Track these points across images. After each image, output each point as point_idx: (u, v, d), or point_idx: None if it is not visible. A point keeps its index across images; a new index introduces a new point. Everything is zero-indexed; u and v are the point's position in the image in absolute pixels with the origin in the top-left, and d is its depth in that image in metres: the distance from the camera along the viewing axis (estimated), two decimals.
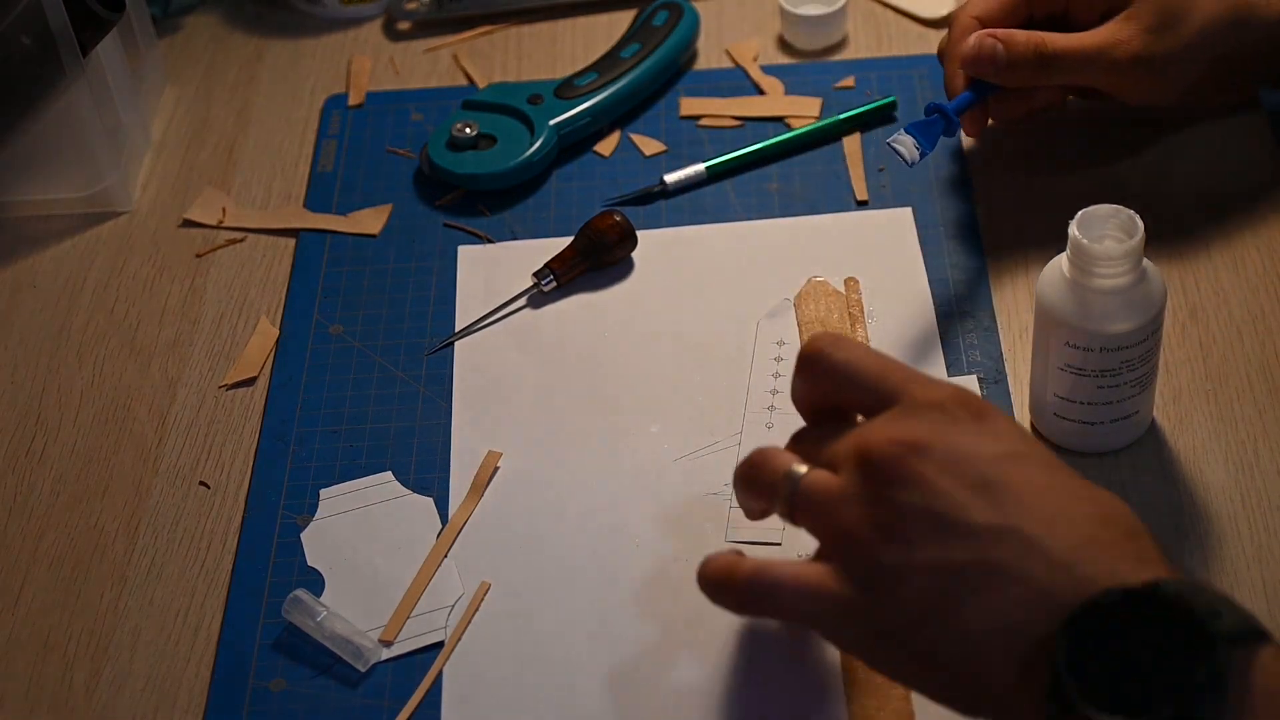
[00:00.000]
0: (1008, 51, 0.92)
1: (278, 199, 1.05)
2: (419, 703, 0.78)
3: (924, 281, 0.95)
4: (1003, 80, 0.93)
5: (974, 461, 0.66)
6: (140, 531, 0.86)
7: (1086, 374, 0.81)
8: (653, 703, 0.77)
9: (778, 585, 0.68)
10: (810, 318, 0.92)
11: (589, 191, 1.03)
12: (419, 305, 0.97)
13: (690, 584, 0.75)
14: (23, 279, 1.01)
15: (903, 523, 0.66)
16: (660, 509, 0.85)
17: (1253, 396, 0.87)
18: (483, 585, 0.82)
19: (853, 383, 0.72)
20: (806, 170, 1.02)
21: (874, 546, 0.66)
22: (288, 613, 0.81)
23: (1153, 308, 0.79)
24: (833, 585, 0.67)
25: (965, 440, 0.67)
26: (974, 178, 1.00)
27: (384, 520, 0.86)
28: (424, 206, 1.03)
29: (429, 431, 0.90)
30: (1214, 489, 0.83)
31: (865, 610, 0.66)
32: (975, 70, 0.93)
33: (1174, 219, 0.96)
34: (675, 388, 0.91)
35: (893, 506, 0.66)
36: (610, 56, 1.08)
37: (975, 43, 0.92)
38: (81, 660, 0.81)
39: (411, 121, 1.09)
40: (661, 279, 0.97)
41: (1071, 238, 0.78)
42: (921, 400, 0.69)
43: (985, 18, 0.94)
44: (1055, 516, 0.65)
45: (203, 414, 0.92)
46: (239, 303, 0.98)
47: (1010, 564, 0.64)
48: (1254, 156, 0.99)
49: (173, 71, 1.14)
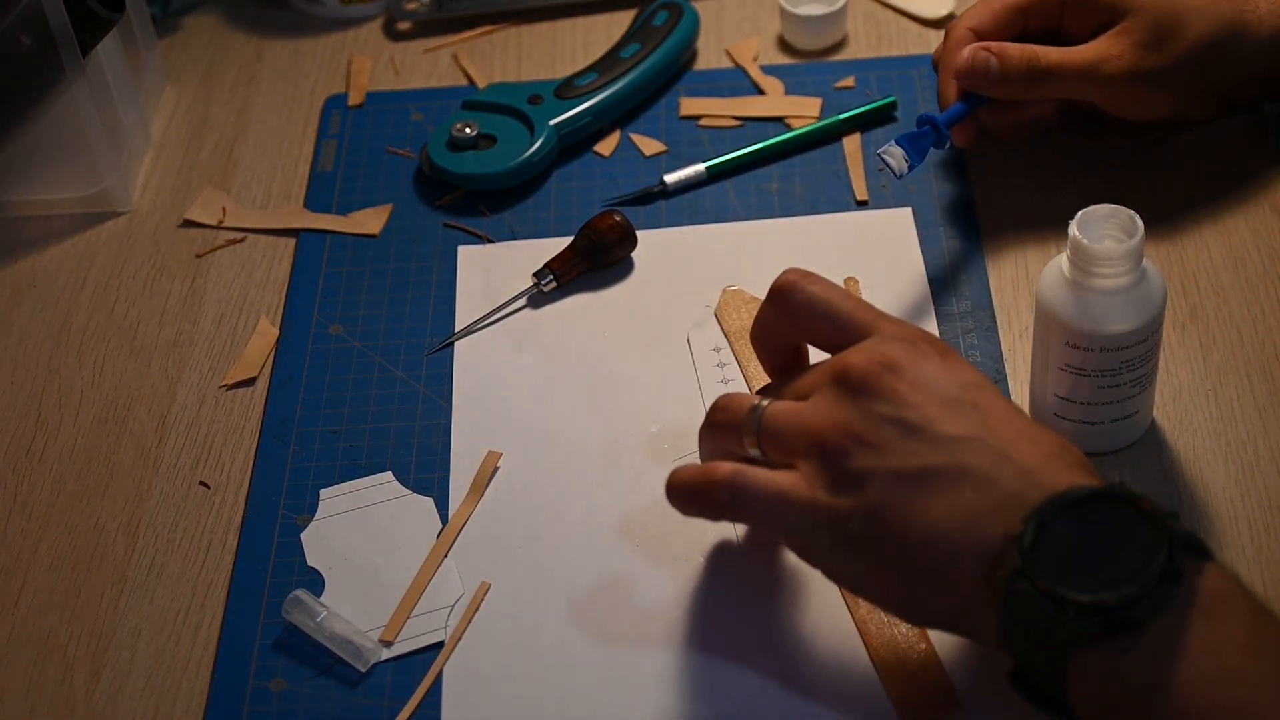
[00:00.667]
0: (1001, 64, 0.92)
1: (278, 199, 1.05)
2: (419, 703, 0.78)
3: (924, 282, 0.95)
4: (995, 93, 0.93)
5: (943, 384, 0.71)
6: (140, 531, 0.86)
7: (1086, 374, 0.81)
8: (653, 702, 0.77)
9: (752, 487, 0.71)
10: (736, 327, 0.92)
11: (589, 191, 1.03)
12: (419, 305, 0.97)
13: (691, 584, 0.75)
14: (23, 279, 1.01)
15: (874, 430, 0.70)
16: (660, 509, 0.85)
17: (1253, 396, 0.87)
18: (483, 585, 0.82)
19: (827, 316, 0.75)
20: (806, 170, 1.02)
21: (845, 451, 0.70)
22: (288, 613, 0.81)
23: (1153, 308, 0.79)
24: (804, 489, 0.70)
25: (935, 369, 0.71)
26: (974, 177, 1.00)
27: (384, 520, 0.86)
28: (424, 206, 1.03)
29: (429, 431, 0.90)
30: (1214, 489, 0.83)
31: (834, 514, 0.69)
32: (968, 83, 0.93)
33: (1174, 219, 0.96)
34: (675, 388, 0.91)
35: (864, 415, 0.70)
36: (610, 56, 1.08)
37: (969, 55, 0.93)
38: (81, 660, 0.81)
39: (411, 121, 1.09)
40: (661, 279, 0.97)
41: (1071, 238, 0.78)
42: (893, 334, 0.73)
43: (980, 29, 0.95)
44: (1019, 434, 0.69)
45: (203, 414, 0.92)
46: (239, 303, 0.98)
47: (979, 467, 0.68)
48: (1254, 157, 0.99)
49: (173, 71, 1.14)
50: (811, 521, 0.70)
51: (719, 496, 0.73)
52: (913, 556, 0.68)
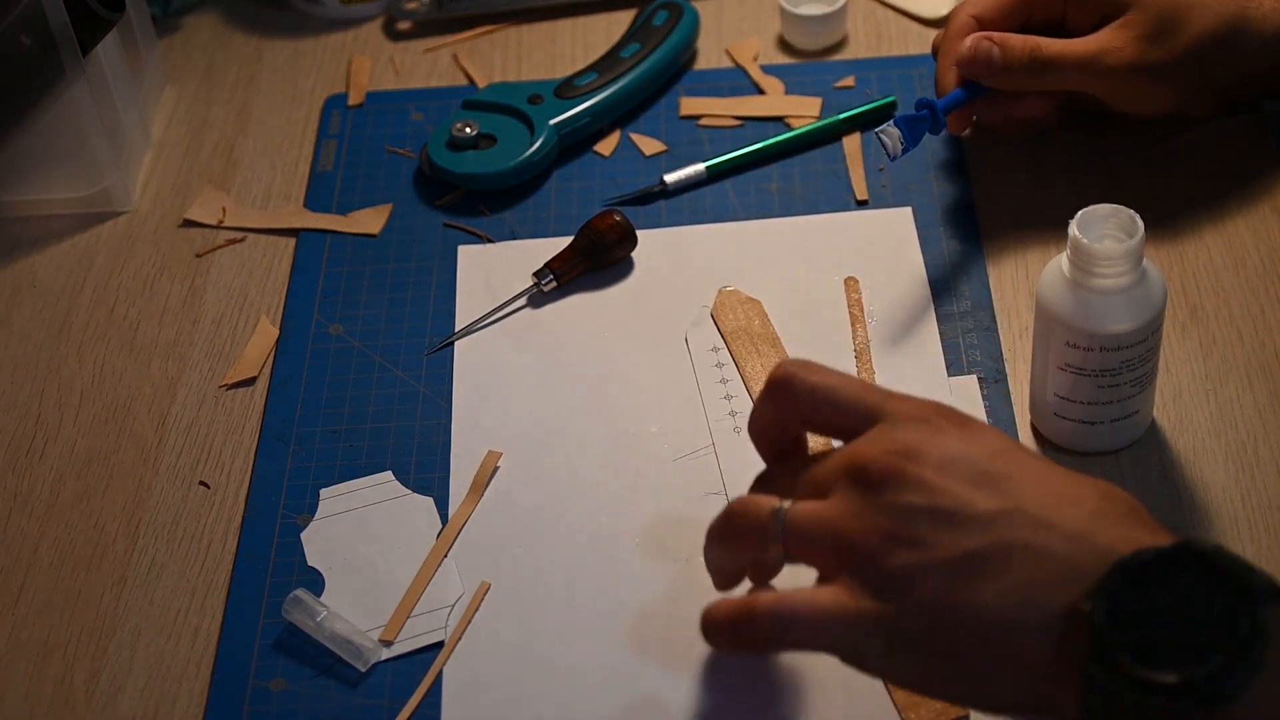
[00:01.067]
0: (1003, 54, 0.92)
1: (278, 199, 1.05)
2: (419, 703, 0.78)
3: (924, 281, 0.95)
4: (996, 83, 0.93)
5: (968, 459, 0.67)
6: (140, 531, 0.86)
7: (1086, 374, 0.81)
8: (653, 702, 0.77)
9: (798, 614, 0.67)
10: (733, 328, 0.92)
11: (589, 191, 1.03)
12: (419, 305, 0.97)
13: (691, 583, 0.75)
14: (23, 279, 1.01)
15: (907, 525, 0.65)
16: (660, 509, 0.85)
17: (1253, 396, 0.87)
18: (483, 585, 0.82)
19: (831, 404, 0.71)
20: (806, 170, 1.02)
21: (882, 553, 0.65)
22: (288, 613, 0.81)
23: (1153, 308, 0.79)
24: (848, 601, 0.66)
25: (955, 444, 0.67)
26: (974, 177, 1.00)
27: (384, 520, 0.86)
28: (424, 206, 1.03)
29: (429, 431, 0.90)
30: (1214, 489, 0.83)
31: (885, 621, 0.65)
32: (970, 72, 0.93)
33: (1174, 219, 0.96)
34: (675, 388, 0.91)
35: (895, 511, 0.66)
36: (610, 56, 1.08)
37: (971, 45, 0.92)
38: (81, 660, 0.81)
39: (411, 121, 1.09)
40: (661, 279, 0.97)
41: (1071, 237, 0.78)
42: (904, 414, 0.69)
43: (983, 17, 0.95)
44: (1059, 495, 0.65)
45: (203, 414, 0.92)
46: (239, 303, 0.98)
47: (1026, 542, 0.64)
48: (1254, 157, 0.99)
49: (173, 71, 1.14)
50: (862, 633, 0.65)
51: (764, 629, 0.68)
52: (973, 647, 0.64)
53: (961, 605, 0.64)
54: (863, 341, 0.91)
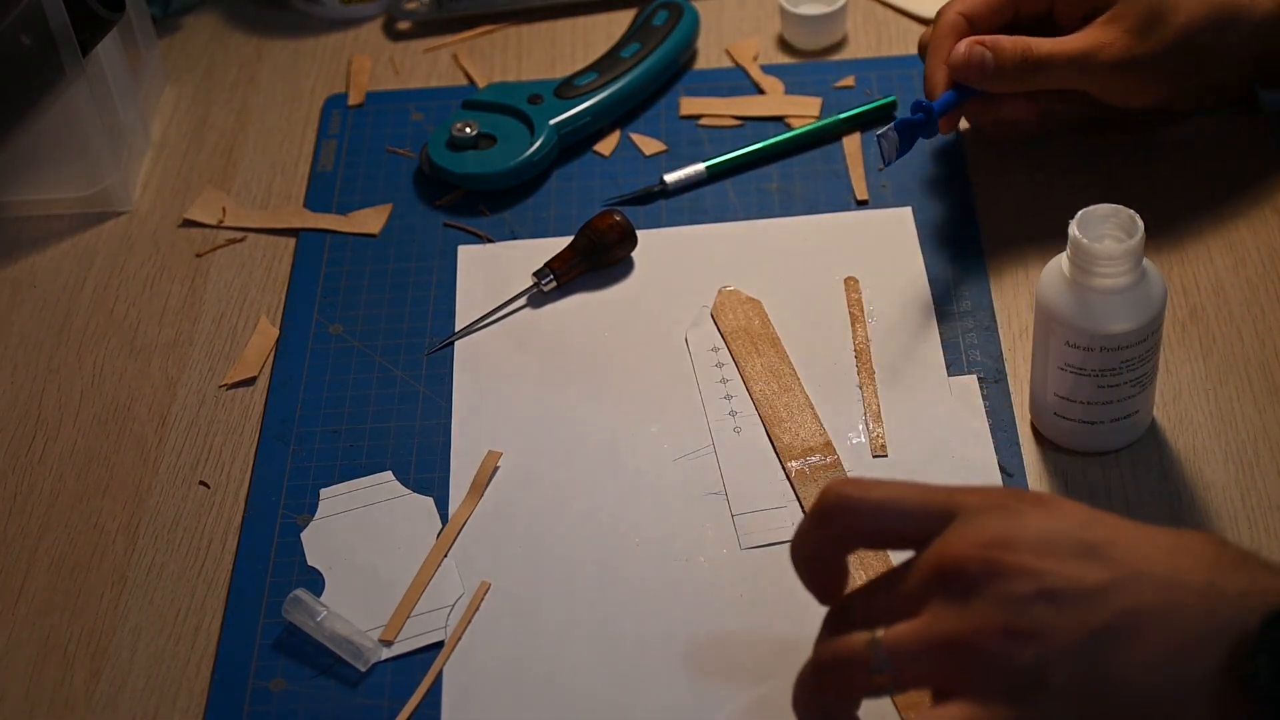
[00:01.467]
0: (996, 59, 0.92)
1: (278, 199, 1.05)
2: (419, 703, 0.78)
3: (924, 281, 0.95)
4: (990, 87, 0.93)
5: (1062, 534, 0.63)
6: (140, 531, 0.86)
7: (1086, 374, 0.81)
8: (653, 702, 0.77)
9: None
10: (733, 327, 0.92)
11: (589, 191, 1.03)
12: (419, 305, 0.97)
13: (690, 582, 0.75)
14: (23, 279, 1.01)
15: (1023, 616, 0.61)
16: (660, 509, 0.85)
17: (1253, 396, 0.87)
18: (483, 585, 0.82)
19: (898, 515, 0.66)
20: (806, 170, 1.02)
21: (1004, 652, 0.61)
22: (288, 613, 0.81)
23: (1153, 308, 0.79)
24: (982, 714, 0.61)
25: (1042, 522, 0.63)
26: (974, 177, 1.00)
27: (384, 520, 0.86)
28: (424, 206, 1.03)
29: (429, 431, 0.90)
30: (1214, 489, 0.83)
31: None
32: (964, 78, 0.93)
33: (1174, 219, 0.96)
34: (675, 388, 0.91)
35: (1005, 604, 0.61)
36: (610, 56, 1.08)
37: (965, 51, 0.92)
38: (81, 660, 0.81)
39: (411, 121, 1.09)
40: (661, 279, 0.97)
41: (1071, 237, 0.78)
42: (979, 505, 0.65)
43: (971, 15, 0.94)
44: (1168, 550, 0.62)
45: (203, 414, 0.92)
46: (239, 303, 0.98)
47: (1153, 605, 0.60)
48: (1254, 156, 0.99)
49: (173, 71, 1.14)
50: None
51: None
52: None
53: (1104, 686, 0.60)
54: (863, 341, 0.91)
